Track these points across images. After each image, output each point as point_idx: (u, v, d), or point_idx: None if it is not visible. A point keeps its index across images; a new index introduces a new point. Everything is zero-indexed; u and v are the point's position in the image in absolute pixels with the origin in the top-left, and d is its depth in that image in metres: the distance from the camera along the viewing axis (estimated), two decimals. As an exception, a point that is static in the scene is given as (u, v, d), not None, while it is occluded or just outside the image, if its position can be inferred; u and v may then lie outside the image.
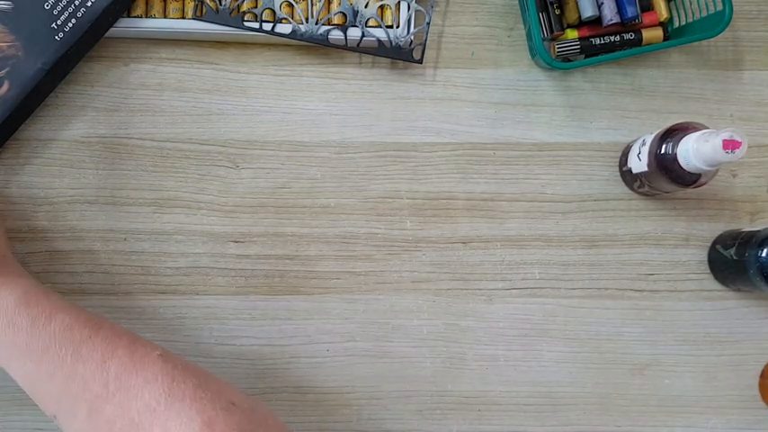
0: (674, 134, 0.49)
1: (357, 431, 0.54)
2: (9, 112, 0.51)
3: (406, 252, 0.55)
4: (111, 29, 0.54)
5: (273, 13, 0.55)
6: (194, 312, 0.54)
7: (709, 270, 0.56)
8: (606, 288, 0.56)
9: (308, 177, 0.56)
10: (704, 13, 0.54)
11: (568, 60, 0.57)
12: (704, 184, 0.49)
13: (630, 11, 0.55)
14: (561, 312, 0.55)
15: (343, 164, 0.56)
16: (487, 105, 0.57)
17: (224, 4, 0.54)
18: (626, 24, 0.56)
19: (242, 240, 0.55)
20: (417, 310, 0.55)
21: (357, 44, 0.55)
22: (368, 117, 0.56)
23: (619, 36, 0.56)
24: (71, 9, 0.52)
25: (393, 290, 0.55)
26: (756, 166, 0.57)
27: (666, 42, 0.56)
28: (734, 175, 0.57)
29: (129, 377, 0.39)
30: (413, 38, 0.56)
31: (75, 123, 0.55)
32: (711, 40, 0.56)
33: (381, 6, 0.55)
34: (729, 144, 0.44)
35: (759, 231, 0.51)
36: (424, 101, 0.57)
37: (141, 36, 0.56)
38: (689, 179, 0.49)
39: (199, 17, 0.54)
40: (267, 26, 0.54)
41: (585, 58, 0.57)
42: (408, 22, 0.55)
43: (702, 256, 0.56)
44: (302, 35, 0.54)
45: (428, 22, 0.56)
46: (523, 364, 0.55)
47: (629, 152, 0.54)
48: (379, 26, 0.55)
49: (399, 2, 0.55)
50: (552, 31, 0.56)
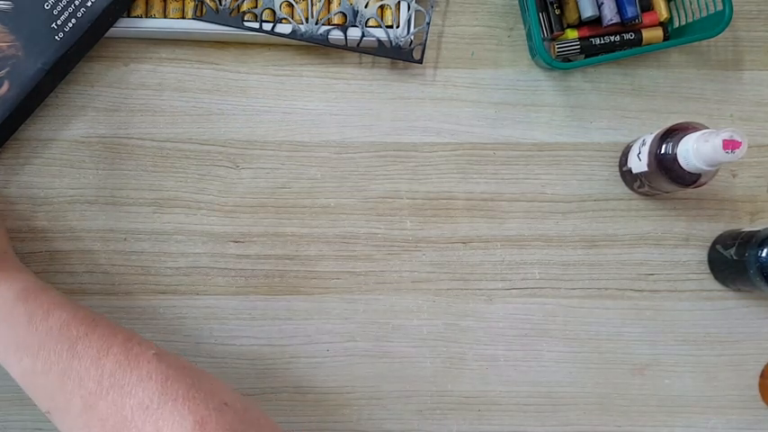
0: (674, 134, 0.49)
1: (357, 431, 0.54)
2: (9, 112, 0.51)
3: (406, 252, 0.55)
4: (111, 29, 0.54)
5: (273, 13, 0.55)
6: (194, 312, 0.54)
7: (709, 270, 0.56)
8: (606, 288, 0.56)
9: (308, 177, 0.56)
10: (704, 13, 0.54)
11: (568, 60, 0.57)
12: (704, 184, 0.49)
13: (630, 11, 0.55)
14: (561, 312, 0.55)
15: (343, 164, 0.56)
16: (487, 105, 0.57)
17: (224, 4, 0.54)
18: (626, 24, 0.56)
19: (242, 240, 0.55)
20: (417, 310, 0.55)
21: (357, 44, 0.55)
22: (368, 117, 0.57)
23: (619, 36, 0.56)
24: (71, 9, 0.52)
25: (393, 290, 0.55)
26: (756, 166, 0.57)
27: (666, 42, 0.56)
28: (734, 175, 0.57)
29: (124, 375, 0.39)
30: (413, 38, 0.56)
31: (75, 123, 0.55)
32: (711, 40, 0.56)
33: (381, 6, 0.55)
34: (729, 144, 0.44)
35: (759, 231, 0.51)
36: (424, 101, 0.57)
37: (141, 36, 0.56)
38: (689, 179, 0.49)
39: (199, 17, 0.54)
40: (267, 26, 0.54)
41: (585, 58, 0.57)
42: (408, 22, 0.55)
43: (702, 256, 0.56)
44: (302, 35, 0.54)
45: (428, 22, 0.56)
46: (523, 364, 0.55)
47: (629, 152, 0.54)
48: (379, 26, 0.55)
49: (399, 2, 0.55)
50: (552, 31, 0.56)
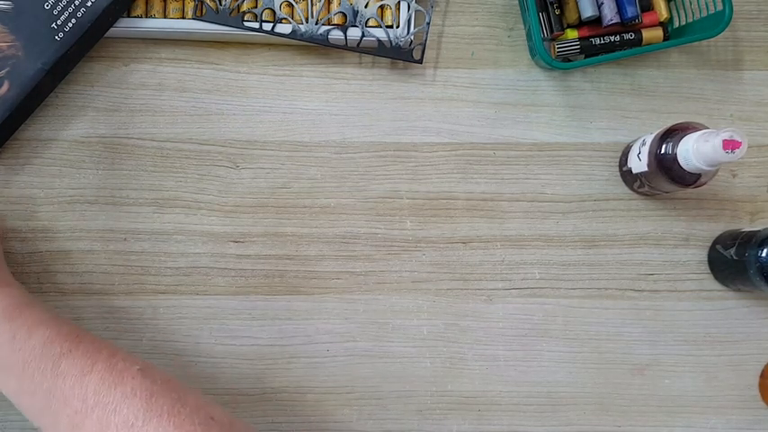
0: (674, 134, 0.49)
1: (357, 431, 0.54)
2: (9, 112, 0.51)
3: (406, 252, 0.55)
4: (111, 29, 0.54)
5: (273, 13, 0.55)
6: (194, 312, 0.54)
7: (709, 270, 0.56)
8: (606, 288, 0.56)
9: (308, 177, 0.56)
10: (704, 13, 0.54)
11: (568, 60, 0.57)
12: (704, 184, 0.49)
13: (630, 11, 0.55)
14: (561, 312, 0.55)
15: (343, 164, 0.56)
16: (487, 105, 0.57)
17: (224, 4, 0.54)
18: (626, 24, 0.56)
19: (242, 240, 0.55)
20: (417, 310, 0.55)
21: (357, 44, 0.55)
22: (368, 117, 0.56)
23: (619, 36, 0.56)
24: (71, 9, 0.52)
25: (393, 290, 0.55)
26: (756, 166, 0.57)
27: (666, 42, 0.56)
28: (734, 175, 0.57)
29: (108, 392, 0.39)
30: (413, 38, 0.56)
31: (75, 123, 0.55)
32: (711, 40, 0.56)
33: (381, 6, 0.55)
34: (729, 144, 0.44)
35: (759, 231, 0.51)
36: (424, 101, 0.57)
37: (141, 36, 0.56)
38: (689, 179, 0.49)
39: (199, 17, 0.54)
40: (267, 26, 0.54)
41: (585, 58, 0.57)
42: (408, 22, 0.55)
43: (702, 256, 0.56)
44: (302, 35, 0.54)
45: (428, 22, 0.56)
46: (523, 364, 0.55)
47: (629, 152, 0.54)
48: (379, 26, 0.55)
49: (399, 2, 0.55)
50: (552, 31, 0.56)
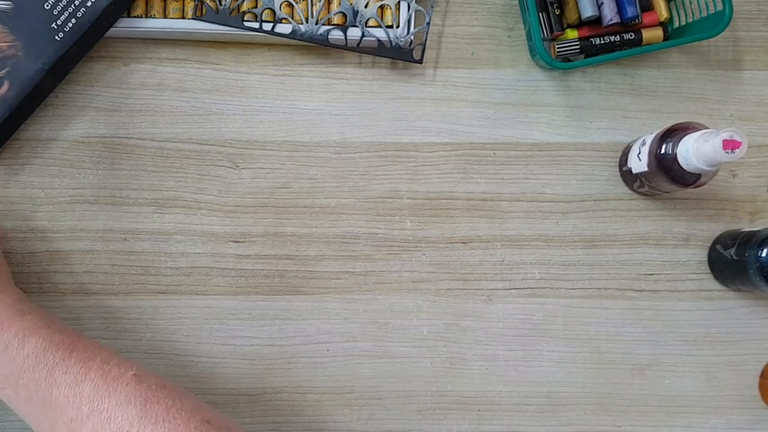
0: (674, 134, 0.49)
1: (357, 431, 0.54)
2: (9, 112, 0.51)
3: (406, 252, 0.55)
4: (111, 29, 0.54)
5: (273, 13, 0.55)
6: (194, 312, 0.54)
7: (709, 270, 0.56)
8: (606, 288, 0.56)
9: (308, 177, 0.56)
10: (704, 13, 0.54)
11: (568, 60, 0.57)
12: (704, 184, 0.49)
13: (630, 11, 0.55)
14: (561, 312, 0.55)
15: (343, 164, 0.56)
16: (487, 105, 0.57)
17: (224, 4, 0.54)
18: (626, 24, 0.56)
19: (242, 240, 0.55)
20: (417, 310, 0.55)
21: (357, 44, 0.55)
22: (368, 117, 0.56)
23: (619, 36, 0.56)
24: (71, 9, 0.52)
25: (393, 290, 0.55)
26: (756, 166, 0.57)
27: (666, 42, 0.56)
28: (734, 175, 0.57)
29: (102, 400, 0.39)
30: (413, 38, 0.56)
31: (75, 123, 0.55)
32: (711, 40, 0.56)
33: (381, 6, 0.55)
34: (729, 144, 0.44)
35: (759, 231, 0.51)
36: (423, 101, 0.57)
37: (141, 36, 0.56)
38: (689, 179, 0.49)
39: (199, 17, 0.54)
40: (267, 26, 0.54)
41: (585, 58, 0.57)
42: (408, 22, 0.55)
43: (702, 256, 0.56)
44: (302, 35, 0.54)
45: (428, 22, 0.56)
46: (523, 364, 0.55)
47: (629, 152, 0.54)
48: (379, 26, 0.55)
49: (399, 2, 0.55)
50: (552, 31, 0.56)
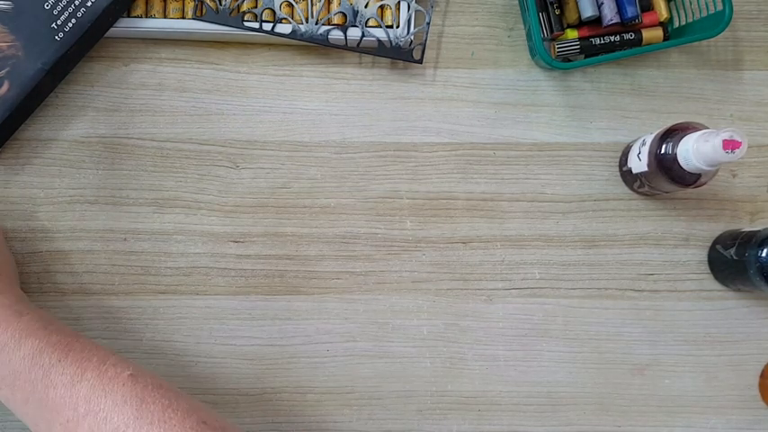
0: (674, 134, 0.49)
1: (357, 431, 0.54)
2: (9, 112, 0.51)
3: (406, 252, 0.55)
4: (111, 29, 0.54)
5: (273, 13, 0.55)
6: (194, 312, 0.54)
7: (709, 270, 0.56)
8: (606, 288, 0.56)
9: (308, 177, 0.56)
10: (704, 13, 0.54)
11: (568, 60, 0.57)
12: (704, 184, 0.49)
13: (630, 11, 0.55)
14: (561, 312, 0.55)
15: (343, 164, 0.56)
16: (487, 105, 0.57)
17: (224, 4, 0.54)
18: (626, 24, 0.56)
19: (242, 240, 0.55)
20: (417, 310, 0.55)
21: (357, 44, 0.55)
22: (368, 117, 0.56)
23: (619, 36, 0.56)
24: (71, 9, 0.52)
25: (393, 290, 0.55)
26: (756, 166, 0.57)
27: (666, 42, 0.56)
28: (734, 175, 0.57)
29: (98, 400, 0.39)
30: (413, 38, 0.56)
31: (75, 123, 0.55)
32: (711, 40, 0.56)
33: (381, 6, 0.55)
34: (729, 144, 0.44)
35: (759, 231, 0.51)
36: (424, 101, 0.57)
37: (141, 36, 0.56)
38: (689, 179, 0.49)
39: (199, 17, 0.54)
40: (267, 26, 0.54)
41: (585, 58, 0.57)
42: (408, 22, 0.55)
43: (702, 256, 0.56)
44: (302, 35, 0.54)
45: (428, 22, 0.56)
46: (523, 364, 0.55)
47: (629, 152, 0.54)
48: (379, 26, 0.55)
49: (399, 2, 0.55)
50: (552, 31, 0.56)
